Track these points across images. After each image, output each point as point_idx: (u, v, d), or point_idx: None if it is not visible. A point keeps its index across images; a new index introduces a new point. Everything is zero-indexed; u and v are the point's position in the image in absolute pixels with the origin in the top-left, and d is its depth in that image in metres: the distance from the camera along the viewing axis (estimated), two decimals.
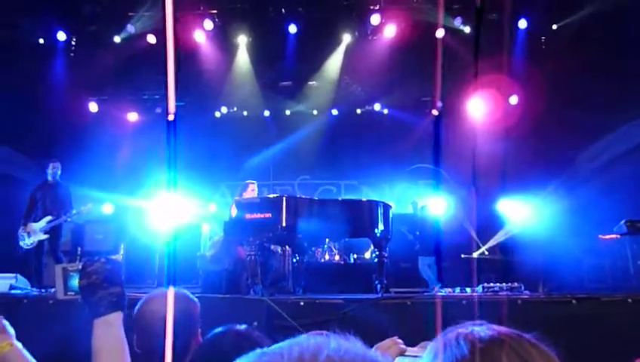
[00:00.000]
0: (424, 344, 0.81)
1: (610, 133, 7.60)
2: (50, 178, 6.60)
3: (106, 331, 1.32)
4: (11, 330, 1.43)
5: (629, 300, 4.07)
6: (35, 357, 1.54)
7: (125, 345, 1.34)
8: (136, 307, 1.71)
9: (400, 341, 1.08)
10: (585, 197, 7.31)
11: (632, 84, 7.63)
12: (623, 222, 6.08)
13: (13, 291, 5.40)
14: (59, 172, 6.67)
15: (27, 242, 6.40)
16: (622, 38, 7.73)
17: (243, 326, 1.51)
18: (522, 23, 8.84)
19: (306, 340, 0.49)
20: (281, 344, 0.50)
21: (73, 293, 1.47)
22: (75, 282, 1.46)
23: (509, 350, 0.71)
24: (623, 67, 7.68)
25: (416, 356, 0.86)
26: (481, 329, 0.74)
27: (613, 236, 6.58)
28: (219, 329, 1.51)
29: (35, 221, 6.42)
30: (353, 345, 0.49)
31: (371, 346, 1.29)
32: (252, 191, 6.15)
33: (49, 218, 6.37)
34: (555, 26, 9.00)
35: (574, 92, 8.12)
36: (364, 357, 0.47)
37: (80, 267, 1.42)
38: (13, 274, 5.89)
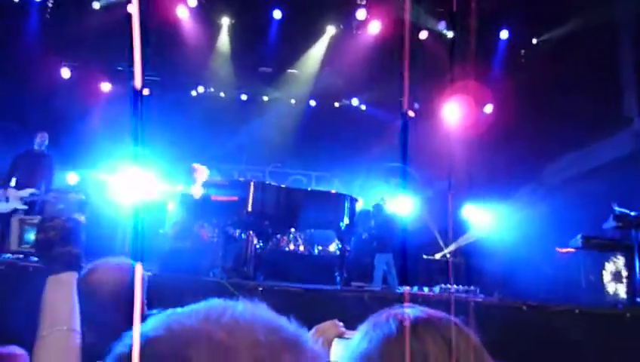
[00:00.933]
0: (361, 326, 0.83)
1: (579, 149, 7.82)
2: (36, 147, 6.47)
3: (59, 289, 1.28)
4: None
5: (577, 311, 4.22)
6: None
7: (76, 306, 1.31)
8: (80, 276, 1.66)
9: (340, 323, 1.09)
10: (548, 209, 7.52)
11: (605, 102, 7.87)
12: (579, 236, 6.27)
13: None
14: (46, 142, 6.58)
15: (4, 206, 6.18)
16: (598, 56, 7.95)
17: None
18: (504, 34, 8.99)
19: (216, 302, 0.51)
20: (193, 305, 0.51)
21: (28, 246, 1.43)
22: (31, 236, 1.42)
23: (434, 330, 0.74)
24: (597, 85, 7.91)
25: (351, 338, 0.88)
26: (411, 311, 0.77)
27: (570, 249, 6.79)
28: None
29: (16, 188, 6.19)
30: (260, 309, 0.51)
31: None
32: (203, 173, 6.02)
33: (33, 190, 6.20)
34: (535, 40, 9.18)
35: (548, 105, 8.32)
36: (266, 320, 0.48)
37: (38, 221, 1.38)
38: None
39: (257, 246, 5.83)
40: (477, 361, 0.73)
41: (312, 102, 10.23)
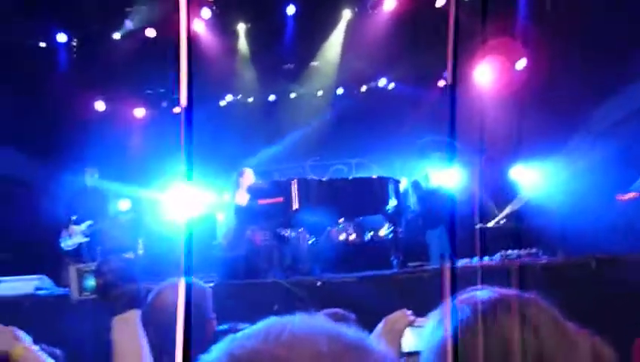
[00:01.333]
0: (433, 314, 0.81)
1: (623, 88, 7.43)
2: (88, 182, 6.89)
3: (124, 329, 1.33)
4: (27, 337, 1.45)
5: None
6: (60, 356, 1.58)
7: (144, 342, 1.36)
8: (148, 300, 1.72)
9: (409, 312, 1.08)
10: (601, 157, 7.19)
11: None
12: None
13: (39, 291, 5.51)
14: (96, 175, 7.01)
15: (69, 243, 6.64)
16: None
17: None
18: None
19: (273, 320, 0.51)
20: (249, 327, 0.51)
21: (88, 293, 1.49)
22: (89, 282, 1.49)
23: (510, 309, 0.71)
24: (633, 27, 7.47)
25: (424, 326, 0.86)
26: (483, 293, 0.75)
27: (632, 195, 6.48)
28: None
29: (77, 224, 6.61)
30: (318, 320, 0.50)
31: None
32: (248, 178, 6.14)
33: (90, 222, 6.61)
34: None
35: (582, 50, 7.94)
36: (325, 330, 0.48)
37: (94, 267, 1.44)
38: (39, 276, 6.01)
39: (309, 242, 5.87)
40: (559, 334, 0.70)
41: (340, 90, 10.17)
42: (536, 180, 8.53)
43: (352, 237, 7.67)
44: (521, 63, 9.05)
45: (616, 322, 3.28)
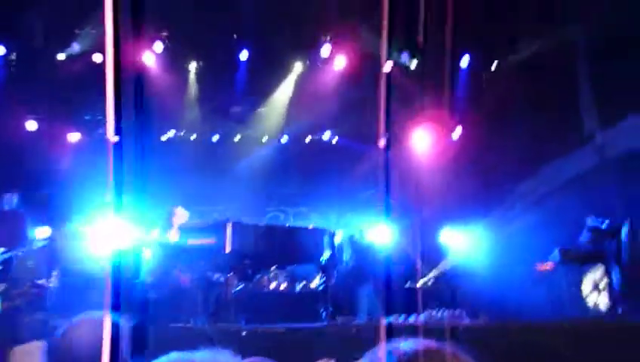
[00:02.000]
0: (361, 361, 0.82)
1: (546, 165, 8.04)
2: (6, 207, 6.47)
3: (25, 360, 1.22)
4: None
5: (564, 325, 4.24)
6: None
7: None
8: (56, 336, 1.59)
9: (333, 360, 1.07)
10: (524, 227, 7.64)
11: (568, 118, 8.16)
12: (557, 250, 6.37)
13: None
14: (15, 200, 6.57)
15: None
16: (557, 74, 8.28)
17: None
18: (464, 61, 9.29)
19: (174, 356, 0.49)
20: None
21: None
22: None
23: (432, 359, 0.73)
24: (558, 102, 8.21)
25: None
26: (407, 344, 0.77)
27: (548, 265, 6.87)
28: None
29: None
30: (221, 356, 0.49)
31: None
32: (181, 216, 5.99)
33: (2, 249, 6.06)
34: (494, 65, 9.53)
35: (513, 126, 8.58)
36: None
37: (3, 288, 1.33)
38: None
39: (237, 288, 5.72)
40: None
41: (284, 139, 10.29)
42: (464, 244, 8.88)
43: (283, 286, 7.54)
44: (457, 133, 9.62)
45: None
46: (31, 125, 9.58)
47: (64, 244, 7.92)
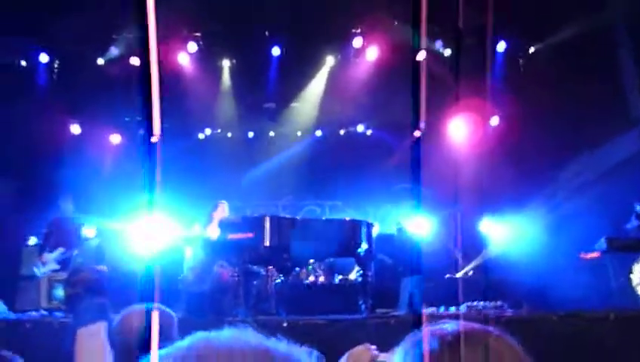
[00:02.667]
0: (396, 349, 0.82)
1: (590, 150, 7.76)
2: (62, 213, 6.97)
3: (90, 341, 1.29)
4: None
5: (611, 316, 4.11)
6: None
7: (108, 355, 1.32)
8: (113, 325, 1.69)
9: (373, 347, 1.08)
10: (567, 215, 7.42)
11: (611, 102, 7.85)
12: (603, 239, 6.16)
13: None
14: (70, 206, 7.04)
15: (42, 270, 6.58)
16: (598, 58, 7.97)
17: None
18: (501, 46, 9.06)
19: (200, 335, 0.51)
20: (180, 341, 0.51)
21: (57, 302, 1.45)
22: (59, 292, 1.45)
23: (476, 342, 0.73)
24: (600, 86, 7.89)
25: (386, 361, 0.87)
26: (450, 325, 0.77)
27: (594, 254, 6.66)
28: None
29: (50, 252, 6.69)
30: (245, 334, 0.50)
31: None
32: (222, 211, 6.11)
33: (62, 250, 6.66)
34: (532, 49, 9.25)
35: (553, 111, 8.31)
36: (252, 345, 0.47)
37: (65, 277, 1.41)
38: None
39: (278, 281, 5.79)
40: None
41: (318, 133, 10.33)
42: (505, 234, 8.70)
43: (322, 278, 7.59)
44: (495, 120, 9.41)
45: None
46: (75, 129, 9.96)
47: (109, 243, 8.23)
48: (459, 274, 8.56)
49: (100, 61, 9.20)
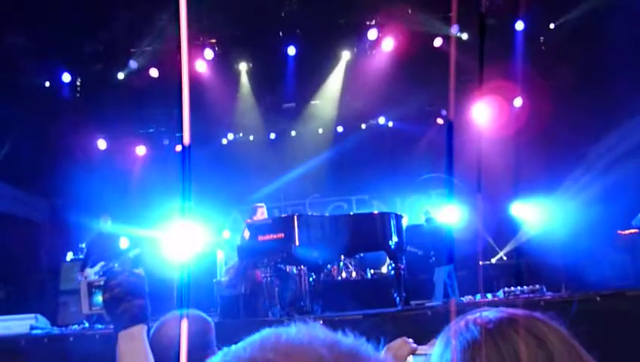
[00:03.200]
0: (434, 341, 0.80)
1: (619, 125, 7.52)
2: (102, 228, 7.23)
3: (130, 343, 1.31)
4: None
5: None
6: None
7: (150, 356, 1.33)
8: (151, 332, 1.71)
9: (410, 340, 1.06)
10: (600, 193, 7.22)
11: (636, 75, 7.58)
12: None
13: (33, 331, 5.42)
14: (109, 223, 7.27)
15: None
16: (620, 32, 7.71)
17: None
18: (519, 25, 8.85)
19: (268, 331, 0.50)
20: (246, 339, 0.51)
21: (98, 308, 1.46)
22: (99, 297, 1.45)
23: (521, 328, 0.70)
24: (624, 60, 7.64)
25: (426, 353, 0.85)
26: (490, 313, 0.74)
27: (633, 231, 6.46)
28: None
29: (91, 267, 6.98)
30: (314, 328, 0.49)
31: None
32: (262, 214, 6.17)
33: (102, 263, 6.93)
34: (552, 25, 9.00)
35: (578, 88, 8.08)
36: (322, 338, 0.47)
37: (104, 281, 1.42)
38: (33, 315, 5.93)
39: (310, 279, 5.80)
40: (569, 353, 0.69)
41: (340, 128, 10.31)
42: (537, 216, 8.53)
43: (354, 274, 7.59)
44: (518, 101, 9.21)
45: (624, 355, 3.22)
46: (101, 144, 10.19)
47: (145, 252, 8.40)
48: (493, 260, 8.44)
49: (121, 75, 9.36)
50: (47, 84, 9.46)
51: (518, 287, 5.15)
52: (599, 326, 3.73)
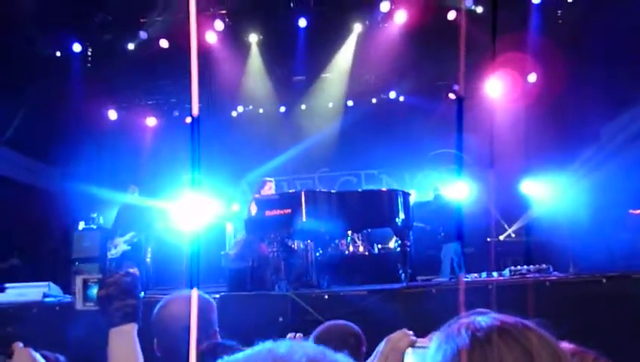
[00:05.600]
0: (434, 334, 0.81)
1: (633, 104, 7.36)
2: (130, 199, 7.39)
3: (120, 341, 1.37)
4: (39, 358, 1.49)
5: None
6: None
7: (139, 354, 1.39)
8: (155, 311, 1.74)
9: (410, 332, 1.07)
10: (612, 172, 7.11)
11: None
12: None
13: (46, 299, 5.54)
14: (137, 193, 7.45)
15: (112, 253, 7.09)
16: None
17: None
18: None
19: (260, 347, 0.49)
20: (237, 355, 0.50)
21: (91, 304, 1.51)
22: (94, 292, 1.50)
23: (510, 338, 0.71)
24: None
25: (425, 347, 0.86)
26: (483, 319, 0.74)
27: None
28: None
29: (122, 235, 7.15)
30: (304, 346, 0.48)
31: None
32: (269, 189, 6.19)
33: (132, 233, 7.14)
34: None
35: (593, 64, 7.89)
36: (311, 356, 0.46)
37: (99, 278, 1.47)
38: (46, 283, 6.04)
39: (317, 254, 5.84)
40: None
41: (350, 102, 10.21)
42: (547, 194, 8.45)
43: (361, 249, 7.62)
44: (533, 77, 9.03)
45: (626, 339, 3.22)
46: (112, 115, 10.22)
47: (155, 221, 8.51)
48: (501, 238, 8.42)
49: (131, 46, 9.31)
50: (58, 54, 9.44)
51: (525, 266, 5.14)
52: (606, 309, 3.73)
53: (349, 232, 7.22)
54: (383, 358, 0.94)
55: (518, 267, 5.17)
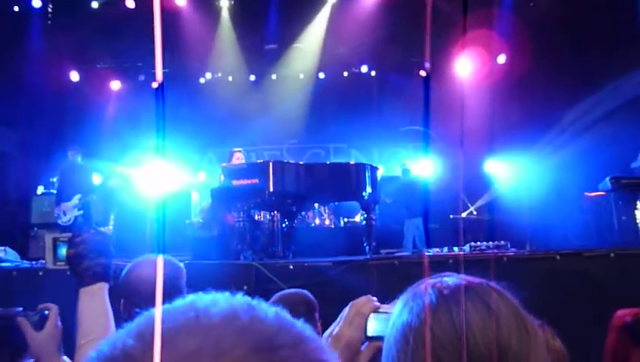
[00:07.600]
0: (401, 297, 0.83)
1: (597, 90, 7.58)
2: (72, 162, 6.96)
3: (91, 300, 1.34)
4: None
5: (612, 255, 4.16)
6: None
7: (109, 314, 1.37)
8: (123, 273, 1.73)
9: (374, 298, 1.09)
10: (572, 155, 7.36)
11: (621, 40, 7.57)
12: (607, 178, 6.14)
13: (2, 264, 5.39)
14: (78, 156, 7.00)
15: (64, 219, 6.69)
16: None
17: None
18: None
19: (182, 300, 0.44)
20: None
21: (62, 263, 1.47)
22: (64, 252, 1.47)
23: (474, 296, 0.74)
24: (611, 23, 7.60)
25: (388, 312, 0.88)
26: (450, 279, 0.77)
27: (599, 193, 6.65)
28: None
29: (68, 200, 6.71)
30: (229, 298, 0.44)
31: None
32: (237, 159, 6.12)
33: (79, 196, 6.70)
34: None
35: (562, 49, 8.06)
36: (235, 306, 0.41)
37: (69, 237, 1.44)
38: (2, 247, 5.88)
39: (283, 225, 5.87)
40: (518, 324, 0.73)
41: (321, 75, 10.12)
42: (510, 174, 8.70)
43: (327, 222, 7.70)
44: (502, 58, 9.15)
45: (576, 314, 3.40)
46: (74, 76, 9.81)
47: (116, 189, 8.32)
48: (463, 215, 8.64)
49: (95, 4, 8.90)
50: (16, 8, 8.94)
51: (484, 243, 5.32)
52: (557, 284, 3.92)
53: (316, 205, 7.27)
54: (347, 322, 0.96)
55: (478, 243, 5.35)
